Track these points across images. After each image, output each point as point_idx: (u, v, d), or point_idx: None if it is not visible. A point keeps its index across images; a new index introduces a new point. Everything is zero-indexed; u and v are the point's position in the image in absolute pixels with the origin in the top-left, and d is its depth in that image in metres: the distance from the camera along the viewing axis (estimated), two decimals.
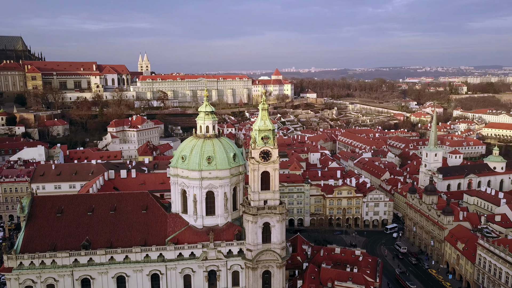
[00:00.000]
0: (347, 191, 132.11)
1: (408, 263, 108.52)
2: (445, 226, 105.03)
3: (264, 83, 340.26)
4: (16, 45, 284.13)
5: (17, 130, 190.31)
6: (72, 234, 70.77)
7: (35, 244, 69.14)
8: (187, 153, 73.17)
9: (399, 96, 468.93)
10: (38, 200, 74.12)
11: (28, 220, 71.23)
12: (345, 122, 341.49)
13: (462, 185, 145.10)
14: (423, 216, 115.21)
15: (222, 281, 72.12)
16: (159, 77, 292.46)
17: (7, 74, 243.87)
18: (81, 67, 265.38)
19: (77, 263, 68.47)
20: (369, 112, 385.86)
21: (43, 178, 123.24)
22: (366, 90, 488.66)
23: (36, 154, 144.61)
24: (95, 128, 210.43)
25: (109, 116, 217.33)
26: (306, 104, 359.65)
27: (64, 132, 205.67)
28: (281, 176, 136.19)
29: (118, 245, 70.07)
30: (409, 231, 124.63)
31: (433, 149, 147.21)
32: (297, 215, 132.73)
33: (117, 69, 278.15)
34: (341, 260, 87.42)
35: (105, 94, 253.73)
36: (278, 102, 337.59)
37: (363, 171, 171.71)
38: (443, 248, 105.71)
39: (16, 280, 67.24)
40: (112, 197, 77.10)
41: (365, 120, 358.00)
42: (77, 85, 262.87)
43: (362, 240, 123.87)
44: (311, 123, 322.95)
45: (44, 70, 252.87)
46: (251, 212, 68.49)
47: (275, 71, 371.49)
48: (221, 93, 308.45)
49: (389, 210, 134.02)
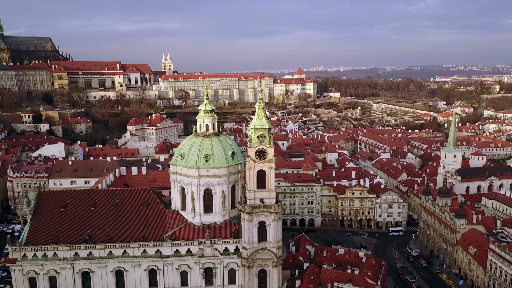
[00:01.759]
0: (359, 192, 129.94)
1: (419, 267, 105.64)
2: (457, 229, 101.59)
3: (286, 82, 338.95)
4: (46, 46, 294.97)
5: (42, 128, 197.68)
6: (74, 228, 72.93)
7: (39, 236, 71.70)
8: (186, 151, 73.98)
9: (427, 95, 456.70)
10: (44, 195, 76.88)
11: (34, 214, 73.93)
12: (369, 122, 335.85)
13: (482, 188, 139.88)
14: (436, 218, 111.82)
15: (218, 278, 72.53)
16: (181, 76, 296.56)
17: (35, 74, 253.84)
18: (105, 67, 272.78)
19: (77, 257, 70.55)
20: (394, 112, 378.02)
21: (60, 174, 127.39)
22: (393, 89, 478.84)
23: (56, 151, 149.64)
24: (116, 126, 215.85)
25: (130, 114, 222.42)
26: (329, 104, 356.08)
27: (86, 129, 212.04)
28: (292, 176, 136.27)
29: (118, 240, 71.68)
30: (422, 234, 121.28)
31: (452, 150, 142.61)
32: (308, 215, 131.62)
33: (140, 69, 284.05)
34: (345, 262, 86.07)
35: (128, 93, 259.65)
36: (300, 101, 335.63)
37: (380, 171, 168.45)
38: (455, 252, 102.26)
39: (20, 271, 69.95)
40: (115, 193, 78.89)
41: (390, 120, 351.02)
42: (102, 84, 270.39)
43: (373, 241, 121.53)
44: (333, 122, 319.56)
45: (71, 70, 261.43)
46: (247, 211, 68.51)
47: (298, 70, 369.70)
48: (242, 92, 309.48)
49: (403, 212, 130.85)
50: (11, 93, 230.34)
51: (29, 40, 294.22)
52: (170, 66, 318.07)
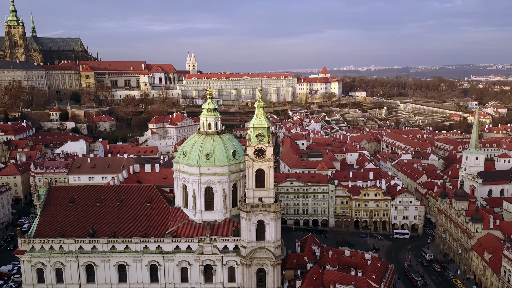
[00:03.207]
0: (374, 193, 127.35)
1: (432, 271, 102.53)
2: (473, 234, 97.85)
3: (310, 81, 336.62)
4: (75, 46, 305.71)
5: (68, 125, 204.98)
6: (80, 222, 75.25)
7: (47, 230, 74.45)
8: (188, 149, 74.85)
9: (459, 95, 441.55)
10: (54, 190, 79.67)
11: (44, 208, 76.85)
12: (395, 122, 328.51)
13: (506, 192, 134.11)
14: (452, 222, 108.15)
15: (218, 276, 73.01)
16: (204, 76, 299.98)
17: (64, 74, 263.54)
18: (131, 66, 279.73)
19: (82, 250, 72.78)
20: (422, 112, 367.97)
21: (79, 170, 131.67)
22: (422, 88, 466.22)
23: (78, 148, 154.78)
24: (138, 124, 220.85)
25: (152, 113, 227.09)
26: (354, 103, 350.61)
27: (110, 127, 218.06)
28: (306, 176, 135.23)
29: (121, 235, 73.42)
30: (439, 238, 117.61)
31: (474, 151, 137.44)
32: (322, 216, 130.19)
33: (165, 68, 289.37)
34: (350, 263, 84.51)
35: (152, 92, 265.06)
36: (324, 100, 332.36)
37: (400, 173, 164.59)
38: (471, 257, 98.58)
39: (28, 263, 72.93)
40: (121, 189, 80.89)
41: (417, 121, 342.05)
42: (127, 84, 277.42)
43: (387, 244, 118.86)
44: (357, 122, 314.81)
45: (98, 70, 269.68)
46: (245, 209, 68.62)
47: (323, 69, 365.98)
48: (265, 92, 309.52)
49: (419, 215, 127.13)
50: (41, 92, 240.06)
51: (60, 41, 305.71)
52: (194, 65, 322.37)
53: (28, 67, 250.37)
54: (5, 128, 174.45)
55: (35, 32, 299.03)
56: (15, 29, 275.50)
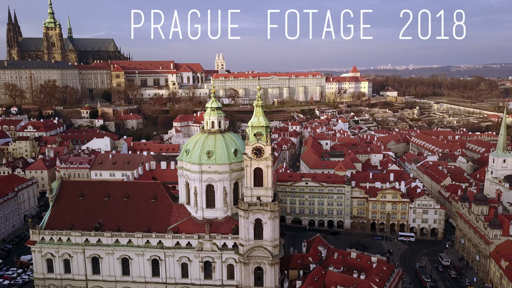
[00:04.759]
0: (392, 195, 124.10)
1: (447, 277, 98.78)
2: (491, 240, 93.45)
3: (339, 80, 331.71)
4: (108, 47, 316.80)
5: (97, 123, 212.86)
6: (88, 216, 78.13)
7: (57, 222, 77.88)
8: (191, 147, 76.02)
9: (499, 95, 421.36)
10: (66, 184, 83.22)
11: (55, 201, 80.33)
12: (427, 123, 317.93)
13: None
14: (471, 227, 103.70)
15: (217, 272, 73.71)
16: (231, 75, 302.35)
17: (96, 73, 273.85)
18: (160, 66, 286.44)
19: (87, 243, 75.58)
20: (457, 113, 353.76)
21: (101, 166, 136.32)
22: (460, 88, 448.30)
23: (103, 145, 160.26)
24: (164, 123, 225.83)
25: (178, 111, 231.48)
26: (384, 103, 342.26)
27: (137, 125, 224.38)
28: (322, 176, 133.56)
29: (125, 229, 75.66)
30: (458, 243, 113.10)
31: (501, 154, 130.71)
32: (337, 217, 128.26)
33: (193, 68, 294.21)
34: (356, 266, 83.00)
35: (179, 91, 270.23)
36: (353, 100, 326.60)
37: (424, 175, 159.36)
38: (488, 264, 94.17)
39: (39, 253, 76.60)
40: (128, 185, 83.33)
41: (452, 121, 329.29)
42: (156, 83, 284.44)
43: (403, 248, 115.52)
44: (387, 122, 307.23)
45: (128, 69, 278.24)
46: (243, 207, 68.93)
47: (353, 68, 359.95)
48: (292, 91, 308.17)
49: (439, 219, 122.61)
50: (74, 91, 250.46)
51: (94, 41, 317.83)
52: (222, 65, 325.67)
53: (63, 67, 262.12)
54: (37, 125, 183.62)
55: (71, 34, 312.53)
56: (53, 30, 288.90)
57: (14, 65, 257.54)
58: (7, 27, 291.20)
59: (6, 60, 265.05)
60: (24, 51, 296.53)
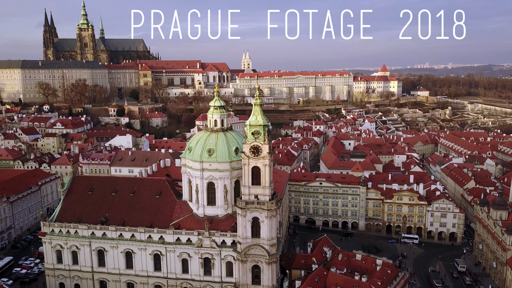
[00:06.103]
0: (408, 197, 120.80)
1: (462, 284, 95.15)
2: (508, 246, 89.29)
3: (367, 79, 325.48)
4: (138, 47, 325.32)
5: (122, 121, 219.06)
6: (96, 210, 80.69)
7: (67, 215, 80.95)
8: (193, 145, 77.01)
9: None
10: (77, 179, 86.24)
11: (67, 195, 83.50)
12: (460, 124, 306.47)
13: None
14: (489, 233, 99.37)
15: (216, 269, 74.33)
16: (256, 74, 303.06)
17: (125, 72, 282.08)
18: (186, 65, 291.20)
19: (93, 236, 78.11)
20: (493, 114, 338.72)
21: (120, 162, 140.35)
22: (498, 88, 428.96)
23: (125, 142, 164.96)
24: (188, 121, 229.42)
25: (202, 110, 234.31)
26: (415, 103, 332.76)
27: (162, 123, 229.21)
28: (336, 176, 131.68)
29: (129, 224, 77.57)
30: (476, 249, 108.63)
31: None
32: (351, 218, 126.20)
33: (219, 67, 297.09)
34: (360, 268, 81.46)
35: (205, 90, 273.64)
36: (382, 99, 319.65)
37: (448, 177, 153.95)
38: (505, 272, 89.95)
39: (49, 244, 79.89)
40: (135, 181, 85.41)
41: (486, 122, 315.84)
42: (182, 82, 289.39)
43: (418, 251, 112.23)
44: (417, 123, 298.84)
45: (156, 69, 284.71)
46: (240, 206, 69.16)
47: (382, 67, 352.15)
48: (319, 90, 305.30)
49: (459, 223, 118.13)
50: (103, 89, 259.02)
51: (125, 42, 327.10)
52: (249, 64, 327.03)
53: (93, 66, 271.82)
54: (65, 122, 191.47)
55: (103, 34, 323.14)
56: (85, 31, 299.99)
57: (48, 65, 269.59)
58: (43, 29, 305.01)
59: (40, 60, 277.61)
60: (59, 52, 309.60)
